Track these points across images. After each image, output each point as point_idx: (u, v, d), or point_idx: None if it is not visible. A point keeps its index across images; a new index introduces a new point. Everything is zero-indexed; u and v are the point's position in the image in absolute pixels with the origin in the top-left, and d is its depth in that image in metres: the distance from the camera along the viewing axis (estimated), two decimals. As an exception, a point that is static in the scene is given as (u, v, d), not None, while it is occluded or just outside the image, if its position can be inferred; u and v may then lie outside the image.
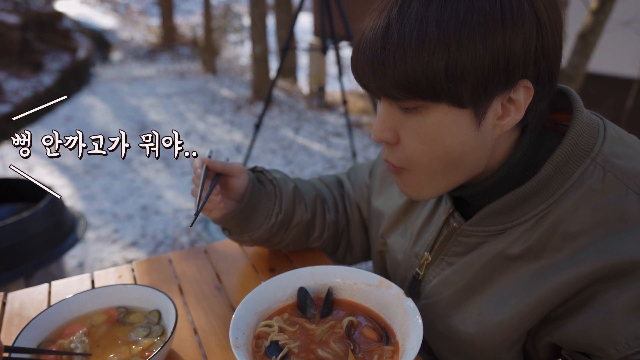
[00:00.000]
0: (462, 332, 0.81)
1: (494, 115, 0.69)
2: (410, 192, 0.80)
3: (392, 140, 0.74)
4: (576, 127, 0.72)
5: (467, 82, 0.64)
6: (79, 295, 0.93)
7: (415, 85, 0.64)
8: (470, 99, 0.65)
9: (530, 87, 0.67)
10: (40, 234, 2.13)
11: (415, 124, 0.70)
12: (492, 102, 0.67)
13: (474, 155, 0.71)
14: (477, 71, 0.63)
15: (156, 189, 4.39)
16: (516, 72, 0.65)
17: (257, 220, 1.02)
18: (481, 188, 0.78)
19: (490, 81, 0.64)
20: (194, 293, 1.05)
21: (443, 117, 0.68)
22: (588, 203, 0.69)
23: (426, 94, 0.65)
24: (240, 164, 1.00)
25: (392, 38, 0.64)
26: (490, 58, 0.63)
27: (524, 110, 0.68)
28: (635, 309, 0.64)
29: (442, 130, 0.68)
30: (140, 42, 11.71)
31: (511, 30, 0.62)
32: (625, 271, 0.65)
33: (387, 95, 0.69)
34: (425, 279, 0.88)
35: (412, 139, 0.71)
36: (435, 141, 0.70)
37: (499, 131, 0.70)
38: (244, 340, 0.78)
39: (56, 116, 6.63)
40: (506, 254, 0.76)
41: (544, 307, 0.72)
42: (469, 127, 0.68)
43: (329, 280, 0.91)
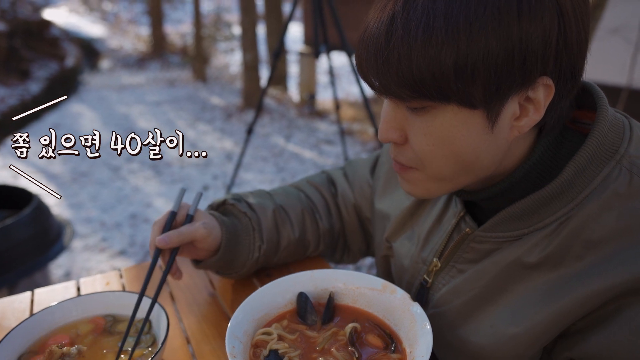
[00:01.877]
0: (473, 343, 0.76)
1: (510, 115, 0.63)
2: (415, 192, 0.74)
3: (399, 140, 0.69)
4: (600, 127, 0.67)
5: (478, 80, 0.58)
6: (63, 303, 0.87)
7: (421, 84, 0.59)
8: (481, 99, 0.60)
9: (550, 85, 0.61)
10: (25, 242, 2.06)
11: (422, 125, 0.65)
12: (507, 102, 0.61)
13: (487, 157, 0.67)
14: (490, 69, 0.57)
15: (145, 196, 4.31)
16: (534, 69, 0.59)
17: (239, 260, 0.97)
18: (495, 191, 0.73)
19: (504, 80, 0.59)
20: (186, 300, 1.00)
21: (452, 118, 0.63)
22: (612, 208, 0.64)
23: (433, 93, 0.60)
24: (205, 222, 0.91)
25: (397, 33, 0.59)
26: (505, 54, 0.57)
27: (543, 110, 0.63)
28: None
29: (452, 132, 0.64)
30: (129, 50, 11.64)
31: (528, 23, 0.57)
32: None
33: (393, 94, 0.64)
34: (434, 286, 0.83)
35: (420, 139, 0.66)
36: (444, 143, 0.65)
37: (516, 133, 0.65)
38: (241, 350, 0.73)
39: (43, 123, 6.53)
40: (522, 262, 0.71)
41: (564, 321, 0.66)
42: (481, 129, 0.63)
43: (330, 284, 0.86)
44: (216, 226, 0.92)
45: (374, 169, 1.09)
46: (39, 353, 0.80)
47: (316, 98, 7.16)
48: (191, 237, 0.88)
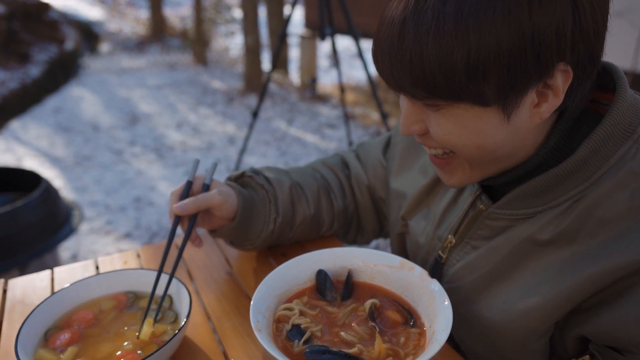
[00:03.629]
0: (486, 318, 0.77)
1: (529, 105, 0.63)
2: (455, 181, 0.76)
3: (421, 132, 0.71)
4: (619, 106, 0.67)
5: (490, 79, 0.59)
6: (86, 280, 0.88)
7: (433, 84, 0.61)
8: (495, 97, 0.61)
9: (568, 71, 0.61)
10: (35, 224, 2.07)
11: (439, 119, 0.67)
12: (526, 96, 0.62)
13: (510, 144, 0.68)
14: (502, 67, 0.58)
15: (149, 180, 4.32)
16: (549, 61, 0.59)
17: (255, 229, 0.99)
18: (513, 176, 0.74)
19: (519, 76, 0.59)
20: (204, 278, 1.02)
21: (465, 114, 0.64)
22: (627, 187, 0.65)
23: (445, 94, 0.61)
24: (220, 189, 0.92)
25: (409, 35, 0.60)
26: (518, 51, 0.57)
27: (562, 94, 0.63)
28: None
29: (467, 126, 0.65)
30: (128, 33, 11.53)
31: (541, 17, 0.56)
32: None
33: (407, 92, 0.65)
34: (449, 262, 0.85)
35: (438, 131, 0.68)
36: (461, 134, 0.66)
37: (537, 119, 0.65)
38: (265, 324, 0.74)
39: (44, 108, 6.51)
40: (535, 239, 0.72)
41: (576, 298, 0.68)
42: (496, 123, 0.64)
43: (349, 262, 0.88)
44: (232, 194, 0.94)
45: (386, 150, 1.10)
46: (64, 328, 0.81)
47: (317, 82, 7.12)
48: (207, 204, 0.90)
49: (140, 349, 0.78)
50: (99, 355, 0.77)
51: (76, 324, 0.82)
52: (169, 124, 5.87)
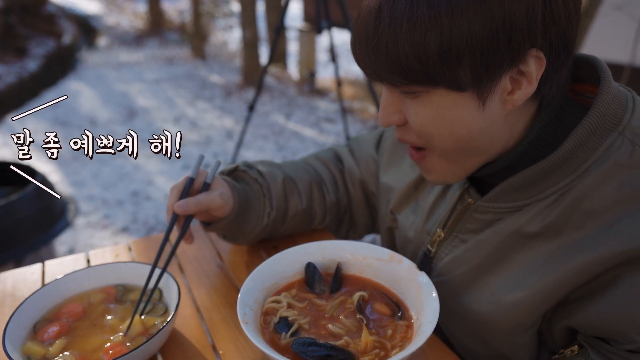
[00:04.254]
0: (474, 311, 0.78)
1: (501, 92, 0.64)
2: (435, 178, 0.77)
3: (399, 122, 0.71)
4: (603, 98, 0.67)
5: (463, 63, 0.60)
6: (76, 273, 0.88)
7: (408, 70, 0.61)
8: (470, 82, 0.61)
9: (541, 57, 0.62)
10: (30, 218, 2.07)
11: (416, 107, 0.67)
12: (500, 80, 0.62)
13: (485, 135, 0.68)
14: (475, 51, 0.59)
15: (147, 174, 4.31)
16: (521, 45, 0.60)
17: (249, 225, 0.98)
18: (497, 167, 0.74)
19: (492, 60, 0.60)
20: (195, 271, 1.02)
21: (442, 100, 0.64)
22: (613, 179, 0.65)
23: (421, 78, 0.62)
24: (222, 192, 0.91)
25: (384, 21, 0.61)
26: (489, 35, 0.58)
27: (536, 82, 0.63)
28: None
29: (443, 113, 0.65)
30: (126, 27, 11.49)
31: (510, 2, 0.57)
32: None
33: (384, 80, 0.66)
34: (437, 256, 0.85)
35: (415, 120, 0.68)
36: (438, 123, 0.67)
37: (509, 107, 0.66)
38: (252, 316, 0.74)
39: (42, 101, 6.46)
40: (523, 232, 0.72)
41: (563, 289, 0.68)
42: (472, 109, 0.64)
43: (338, 255, 0.88)
44: (230, 196, 0.93)
45: (378, 145, 1.10)
46: (53, 321, 0.82)
47: (316, 76, 7.11)
48: (208, 206, 0.89)
49: (129, 341, 0.78)
50: (88, 348, 0.77)
51: (65, 316, 0.83)
52: (167, 118, 5.86)
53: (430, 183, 0.78)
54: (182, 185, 0.91)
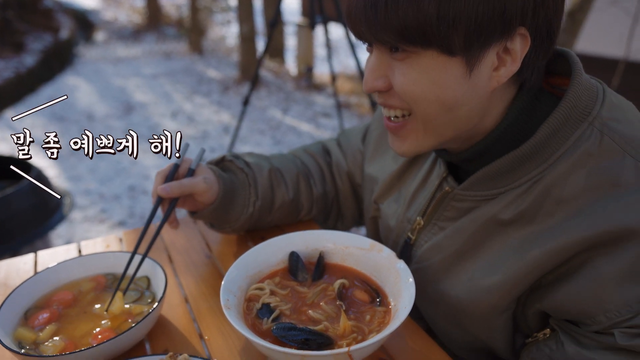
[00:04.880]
0: (452, 296, 0.80)
1: (490, 65, 0.67)
2: (407, 148, 0.76)
3: (384, 87, 0.72)
4: (575, 90, 0.70)
5: (459, 28, 0.62)
6: (66, 262, 0.91)
7: (405, 29, 0.63)
8: (461, 47, 0.64)
9: (527, 36, 0.65)
10: (25, 211, 2.10)
11: (404, 69, 0.68)
12: (488, 52, 0.65)
13: (467, 105, 0.69)
14: (471, 17, 0.62)
15: (143, 169, 4.33)
16: (513, 19, 0.63)
17: (234, 212, 1.01)
18: (473, 152, 0.76)
19: (485, 29, 0.63)
20: (183, 262, 1.04)
21: (432, 62, 0.66)
22: (583, 167, 0.68)
23: (416, 38, 0.64)
24: (205, 176, 0.94)
25: None
26: (486, 4, 0.61)
27: (520, 60, 0.66)
28: (627, 276, 0.64)
29: (431, 75, 0.67)
30: (124, 22, 11.47)
31: None
32: (618, 238, 0.64)
33: (378, 39, 0.67)
34: (417, 243, 0.88)
35: (402, 81, 0.69)
36: (424, 84, 0.68)
37: (495, 83, 0.68)
38: (235, 303, 0.77)
39: (39, 97, 6.50)
40: (498, 219, 0.75)
41: (535, 273, 0.71)
42: (459, 74, 0.66)
43: (321, 244, 0.90)
44: (215, 182, 0.96)
45: (365, 137, 1.13)
46: (43, 308, 0.84)
47: (314, 71, 7.11)
48: (191, 189, 0.92)
49: (116, 327, 0.80)
50: (77, 334, 0.80)
51: (55, 304, 0.85)
52: (164, 113, 5.87)
53: (400, 154, 0.79)
54: (167, 170, 0.94)
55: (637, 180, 0.65)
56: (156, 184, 0.93)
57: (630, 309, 0.63)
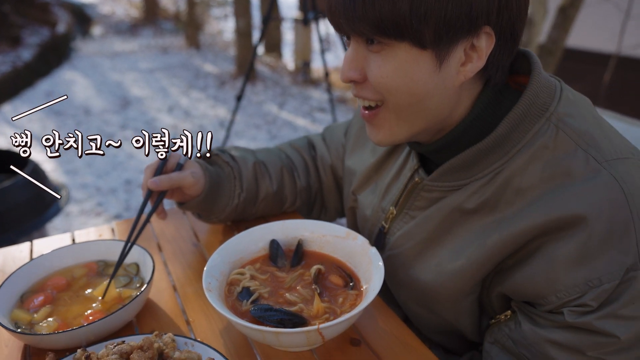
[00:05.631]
0: (421, 280, 0.86)
1: (457, 60, 0.72)
2: (382, 137, 0.81)
3: (359, 78, 0.77)
4: (533, 87, 0.75)
5: (429, 23, 0.67)
6: (60, 250, 0.96)
7: (381, 22, 0.68)
8: (432, 41, 0.69)
9: (491, 34, 0.70)
10: (22, 203, 2.15)
11: (379, 60, 0.73)
12: (456, 47, 0.70)
13: (436, 97, 0.74)
14: (440, 13, 0.66)
15: (139, 163, 4.38)
16: (479, 18, 0.68)
17: (220, 204, 1.06)
18: (442, 143, 0.82)
19: (453, 25, 0.68)
20: (172, 250, 1.10)
21: (405, 55, 0.71)
22: (539, 160, 0.73)
23: (391, 31, 0.69)
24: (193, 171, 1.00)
25: None
26: (454, 2, 0.66)
27: (485, 57, 0.71)
28: (576, 260, 0.69)
29: (404, 67, 0.72)
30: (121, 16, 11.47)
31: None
32: (567, 224, 0.69)
33: (355, 31, 0.72)
34: (390, 231, 0.93)
35: (376, 72, 0.74)
36: (397, 75, 0.72)
37: (462, 78, 0.73)
38: (217, 286, 0.83)
39: (36, 91, 6.53)
40: (463, 208, 0.80)
41: (496, 258, 0.76)
42: (430, 68, 0.71)
43: (299, 233, 0.96)
44: (202, 175, 1.01)
45: (347, 132, 1.18)
46: (38, 292, 0.90)
47: (311, 66, 7.15)
48: (179, 183, 0.97)
49: (107, 309, 0.86)
50: (70, 315, 0.85)
51: (50, 288, 0.91)
52: (161, 108, 5.91)
53: (377, 144, 0.84)
54: (156, 164, 0.99)
55: (586, 171, 0.70)
56: (146, 178, 0.98)
57: (578, 289, 0.68)
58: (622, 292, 0.67)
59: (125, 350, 0.70)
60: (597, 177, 0.69)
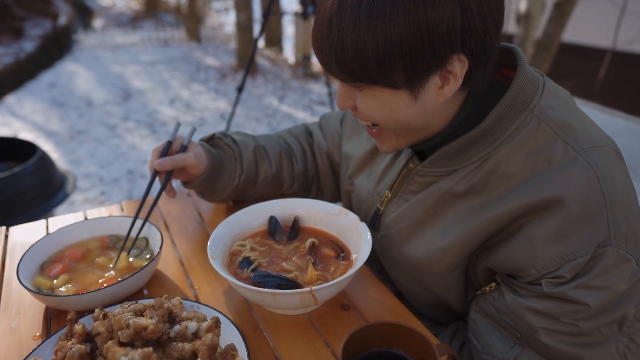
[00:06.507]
0: (412, 257, 0.94)
1: (434, 87, 0.78)
2: (387, 148, 0.92)
3: (352, 107, 0.86)
4: (518, 82, 0.82)
5: (397, 68, 0.74)
6: (75, 224, 1.05)
7: (352, 71, 0.76)
8: (403, 82, 0.76)
9: (464, 60, 0.74)
10: (31, 189, 2.23)
11: (362, 97, 0.82)
12: (429, 80, 0.76)
13: (422, 119, 0.82)
14: (406, 61, 0.73)
15: (141, 154, 4.46)
16: (443, 53, 0.72)
17: (221, 183, 1.14)
18: (435, 142, 0.90)
19: (419, 65, 0.73)
20: (178, 227, 1.18)
21: (381, 94, 0.79)
22: (523, 148, 0.80)
23: (362, 78, 0.77)
24: (196, 152, 1.07)
25: (334, 30, 0.74)
26: (416, 45, 0.70)
27: (461, 79, 0.76)
28: (552, 236, 0.76)
29: (384, 105, 0.80)
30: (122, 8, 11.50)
31: (434, 18, 0.69)
32: (547, 205, 0.77)
33: (337, 76, 0.81)
34: (385, 213, 1.01)
35: (362, 107, 0.83)
36: (379, 111, 0.82)
37: (442, 99, 0.80)
38: (220, 255, 0.91)
39: (39, 83, 6.60)
40: (453, 192, 0.88)
41: (481, 236, 0.84)
42: (406, 101, 0.79)
43: (296, 210, 1.04)
44: (204, 156, 1.09)
45: (342, 120, 1.26)
46: (57, 262, 0.98)
47: (311, 59, 7.21)
48: (183, 163, 1.05)
49: (119, 276, 0.95)
50: (86, 282, 0.94)
51: (67, 258, 0.99)
52: (162, 100, 5.98)
53: (383, 152, 0.93)
54: (162, 147, 1.07)
55: (565, 158, 0.78)
56: (152, 159, 1.07)
57: (554, 263, 0.76)
58: (593, 265, 0.74)
59: (139, 309, 0.79)
60: (574, 163, 0.76)
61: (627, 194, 0.78)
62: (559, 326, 0.77)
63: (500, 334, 0.85)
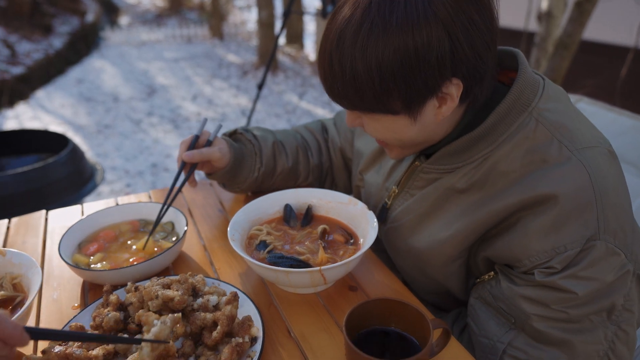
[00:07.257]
0: (417, 249, 1.01)
1: (432, 109, 0.83)
2: (394, 156, 1.00)
3: (360, 125, 0.94)
4: (518, 85, 0.87)
5: (395, 100, 0.81)
6: (109, 209, 1.15)
7: (353, 103, 0.84)
8: (401, 109, 0.83)
9: (458, 83, 0.79)
10: (63, 179, 2.37)
11: (367, 121, 0.90)
12: (426, 104, 0.81)
13: (424, 135, 0.89)
14: (401, 93, 0.79)
15: (165, 148, 4.61)
16: (435, 83, 0.77)
17: (242, 175, 1.23)
18: (439, 147, 0.96)
19: (414, 95, 0.79)
20: (200, 214, 1.28)
21: (383, 119, 0.86)
22: (521, 148, 0.86)
23: (362, 109, 0.85)
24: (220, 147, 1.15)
25: (334, 68, 0.81)
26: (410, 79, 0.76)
27: (457, 99, 0.81)
28: (546, 230, 0.82)
29: (386, 127, 0.88)
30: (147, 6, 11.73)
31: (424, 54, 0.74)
32: (541, 201, 0.81)
33: (341, 105, 0.88)
34: (392, 207, 1.08)
35: (369, 130, 0.92)
36: (384, 133, 0.89)
37: (440, 117, 0.86)
38: (239, 238, 1.00)
39: (67, 78, 6.81)
40: (455, 188, 0.94)
41: (480, 229, 0.90)
42: (407, 124, 0.86)
43: (309, 199, 1.13)
44: (227, 151, 1.18)
45: None
46: (92, 242, 1.09)
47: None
48: (209, 157, 1.14)
49: (149, 256, 1.04)
50: (119, 260, 1.04)
51: (102, 239, 1.09)
52: (185, 96, 6.13)
53: (392, 159, 1.01)
54: (190, 140, 1.16)
55: (559, 157, 0.83)
56: (181, 151, 1.16)
57: (546, 254, 0.81)
58: (582, 257, 0.79)
59: (166, 283, 0.88)
60: (568, 163, 0.81)
61: (617, 192, 0.83)
62: (550, 313, 0.83)
63: (496, 319, 0.91)
